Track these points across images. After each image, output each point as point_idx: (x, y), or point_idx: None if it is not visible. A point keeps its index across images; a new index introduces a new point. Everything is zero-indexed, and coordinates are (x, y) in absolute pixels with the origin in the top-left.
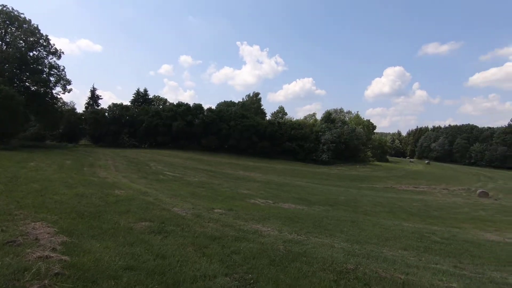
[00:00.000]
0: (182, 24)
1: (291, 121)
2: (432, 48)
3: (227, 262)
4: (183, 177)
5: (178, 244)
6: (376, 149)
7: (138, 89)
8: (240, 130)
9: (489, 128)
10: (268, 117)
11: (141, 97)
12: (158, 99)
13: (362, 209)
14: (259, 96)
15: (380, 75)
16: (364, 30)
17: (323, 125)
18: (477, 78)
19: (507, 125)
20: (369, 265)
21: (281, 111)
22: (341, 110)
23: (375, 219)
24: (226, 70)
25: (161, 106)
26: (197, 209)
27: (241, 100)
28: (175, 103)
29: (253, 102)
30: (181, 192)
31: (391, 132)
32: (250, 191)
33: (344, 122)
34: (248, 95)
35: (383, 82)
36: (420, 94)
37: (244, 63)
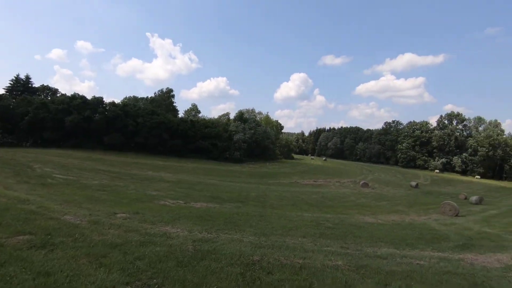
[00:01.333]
0: (82, 4)
1: (204, 119)
2: (329, 60)
3: (129, 270)
4: (78, 180)
5: (68, 257)
6: (283, 147)
7: (18, 75)
8: (149, 127)
9: (369, 130)
10: (181, 114)
11: (21, 85)
12: (45, 88)
13: (270, 204)
14: (172, 92)
15: (287, 79)
16: (275, 36)
17: (237, 125)
18: (361, 88)
19: (381, 128)
20: (273, 254)
21: (194, 109)
22: (252, 110)
23: (281, 212)
24: (134, 62)
25: (49, 97)
26: (95, 215)
27: (152, 96)
28: (69, 95)
29: (165, 98)
30: (75, 198)
31: (296, 132)
32: (160, 192)
33: (257, 123)
34: (161, 91)
35: (290, 86)
36: (320, 99)
37: (155, 56)
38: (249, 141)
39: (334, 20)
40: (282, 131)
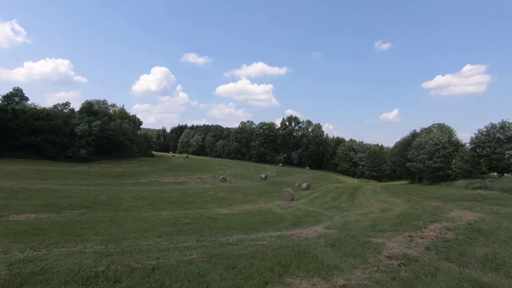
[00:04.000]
0: None
1: (35, 109)
2: (192, 58)
3: None
4: None
5: None
6: (142, 144)
7: None
8: None
9: (228, 128)
10: None
11: None
12: None
13: (124, 206)
14: None
15: (148, 72)
16: (135, 25)
17: (82, 117)
18: (221, 89)
19: (238, 127)
20: (123, 260)
21: (18, 95)
22: (104, 102)
23: (137, 213)
24: None
25: None
26: None
27: None
28: None
29: None
30: None
31: (157, 128)
32: None
33: (110, 117)
34: None
35: (151, 80)
36: (183, 95)
37: None
38: (99, 136)
39: (198, 20)
40: (141, 126)
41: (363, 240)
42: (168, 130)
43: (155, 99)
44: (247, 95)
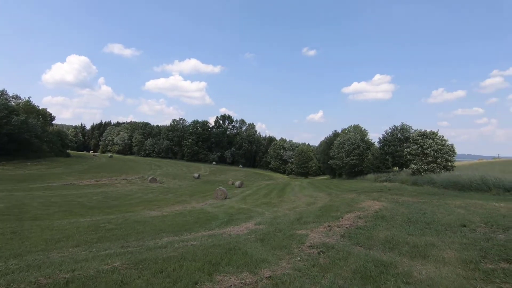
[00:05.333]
0: None
1: None
2: (117, 49)
3: None
4: None
5: None
6: (55, 143)
7: None
8: None
9: (158, 126)
10: None
11: None
12: None
13: (31, 214)
14: None
15: (62, 60)
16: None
17: None
18: (151, 84)
19: (169, 125)
20: (28, 277)
21: None
22: (3, 93)
23: (47, 222)
24: None
25: None
26: None
27: None
28: None
29: None
30: None
31: (74, 125)
32: None
33: (11, 110)
34: None
35: (66, 70)
36: (105, 89)
37: None
38: None
39: (123, 9)
40: (54, 122)
41: (290, 233)
42: (88, 127)
43: (72, 91)
44: (179, 92)
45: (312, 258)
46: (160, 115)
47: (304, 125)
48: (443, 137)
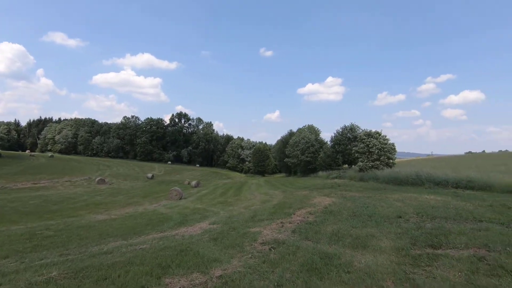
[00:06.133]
0: None
1: None
2: (59, 38)
3: None
4: None
5: None
6: None
7: None
8: None
9: (107, 123)
10: None
11: None
12: None
13: None
14: None
15: None
16: None
17: None
18: (100, 78)
19: (120, 122)
20: None
21: None
22: None
23: None
24: None
25: None
26: None
27: None
28: None
29: None
30: None
31: (6, 121)
32: None
33: None
34: None
35: None
36: (45, 82)
37: None
38: None
39: None
40: None
41: (243, 231)
42: (23, 123)
43: (4, 83)
44: (132, 88)
45: (263, 254)
46: (110, 111)
47: (262, 124)
48: (385, 136)
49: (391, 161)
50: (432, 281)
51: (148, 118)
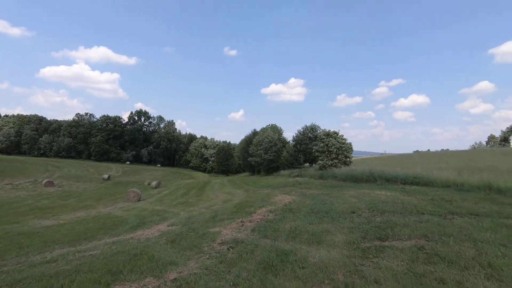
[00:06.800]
0: None
1: None
2: (1, 26)
3: None
4: None
5: None
6: None
7: None
8: None
9: (57, 120)
10: None
11: None
12: None
13: None
14: None
15: None
16: None
17: None
18: (49, 71)
19: (72, 119)
20: None
21: None
22: None
23: None
24: None
25: None
26: None
27: None
28: None
29: None
30: None
31: None
32: None
33: None
34: None
35: None
36: None
37: None
38: None
39: None
40: None
41: (203, 231)
42: None
43: None
44: (85, 83)
45: (221, 254)
46: (60, 108)
47: (226, 124)
48: (343, 136)
49: (348, 159)
50: (378, 271)
51: (104, 115)
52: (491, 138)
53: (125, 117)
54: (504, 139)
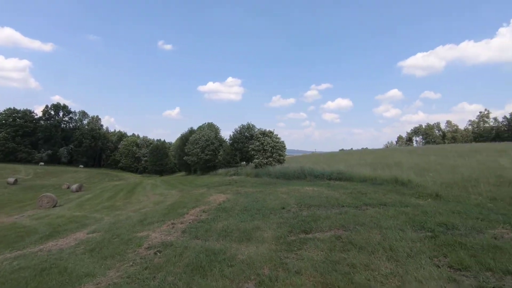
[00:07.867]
0: None
1: None
2: None
3: None
4: None
5: None
6: None
7: None
8: None
9: None
10: None
11: None
12: None
13: None
14: None
15: None
16: None
17: None
18: None
19: None
20: None
21: None
22: None
23: None
24: None
25: None
26: None
27: None
28: None
29: None
30: None
31: None
32: None
33: None
34: None
35: None
36: None
37: None
38: None
39: None
40: None
41: (128, 237)
42: None
43: None
44: None
45: (146, 260)
46: None
47: (160, 121)
48: (277, 135)
49: (282, 157)
50: (300, 262)
51: (10, 108)
52: (399, 138)
53: (38, 111)
54: (409, 139)
